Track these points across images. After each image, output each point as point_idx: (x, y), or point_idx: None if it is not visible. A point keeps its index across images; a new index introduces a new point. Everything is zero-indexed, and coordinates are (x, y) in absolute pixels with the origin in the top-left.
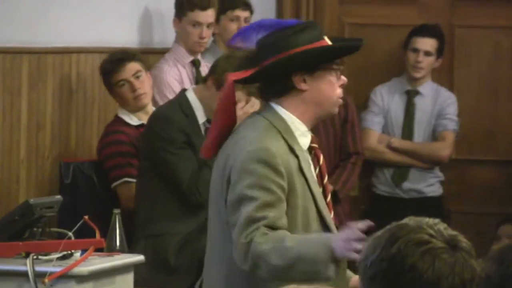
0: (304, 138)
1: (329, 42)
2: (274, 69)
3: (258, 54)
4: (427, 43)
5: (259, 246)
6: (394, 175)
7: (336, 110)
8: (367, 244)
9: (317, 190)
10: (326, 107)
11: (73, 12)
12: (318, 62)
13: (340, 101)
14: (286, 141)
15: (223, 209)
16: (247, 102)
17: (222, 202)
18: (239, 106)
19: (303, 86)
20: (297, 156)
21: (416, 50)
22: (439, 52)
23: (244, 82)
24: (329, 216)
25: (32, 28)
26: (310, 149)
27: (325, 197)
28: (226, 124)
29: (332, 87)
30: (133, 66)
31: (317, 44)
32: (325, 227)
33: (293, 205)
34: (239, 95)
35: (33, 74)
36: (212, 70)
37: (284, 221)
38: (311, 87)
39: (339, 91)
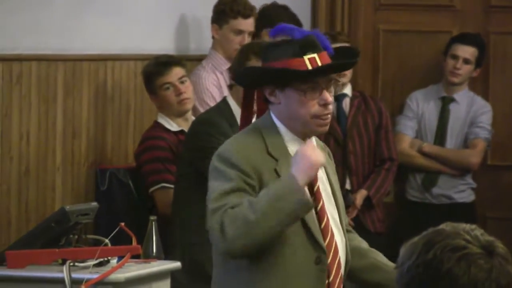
0: (292, 144)
1: (306, 61)
2: (243, 79)
3: None
4: (467, 51)
5: (232, 219)
6: (424, 180)
7: (320, 129)
8: (404, 250)
9: None
10: (301, 125)
11: (108, 19)
12: (278, 80)
13: (322, 120)
14: (265, 144)
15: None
16: None
17: None
18: None
19: (272, 99)
20: (276, 159)
21: (455, 57)
22: (478, 61)
23: (236, 83)
24: (313, 219)
25: (67, 36)
26: None
27: (316, 204)
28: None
29: (302, 105)
30: (179, 71)
31: (283, 62)
32: (307, 229)
33: None
34: None
35: (69, 81)
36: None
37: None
38: (282, 102)
39: (316, 110)
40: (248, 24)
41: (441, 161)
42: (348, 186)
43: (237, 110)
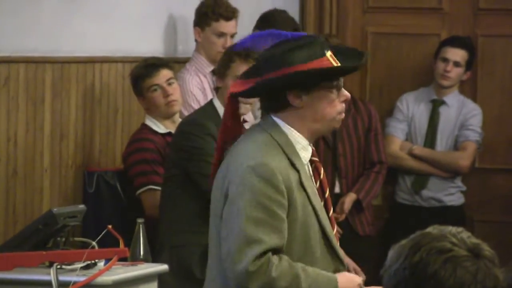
0: (304, 151)
1: (330, 59)
2: (267, 87)
3: (259, 66)
4: (457, 54)
5: (277, 282)
6: (414, 183)
7: (338, 125)
8: (391, 253)
9: (318, 204)
10: (325, 124)
11: (96, 21)
12: (310, 83)
13: (342, 116)
14: (286, 155)
15: (219, 221)
16: None
17: (219, 214)
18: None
19: (298, 103)
20: (298, 171)
21: (445, 60)
22: (468, 64)
23: (241, 95)
24: (331, 229)
25: (56, 38)
26: (312, 162)
27: (327, 210)
28: (223, 139)
29: (331, 104)
30: (166, 73)
31: (314, 63)
32: (326, 240)
33: (292, 219)
34: None
35: (57, 83)
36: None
37: (283, 240)
38: (308, 105)
39: (339, 107)
40: (230, 26)
41: (431, 163)
42: (337, 188)
43: (223, 112)
